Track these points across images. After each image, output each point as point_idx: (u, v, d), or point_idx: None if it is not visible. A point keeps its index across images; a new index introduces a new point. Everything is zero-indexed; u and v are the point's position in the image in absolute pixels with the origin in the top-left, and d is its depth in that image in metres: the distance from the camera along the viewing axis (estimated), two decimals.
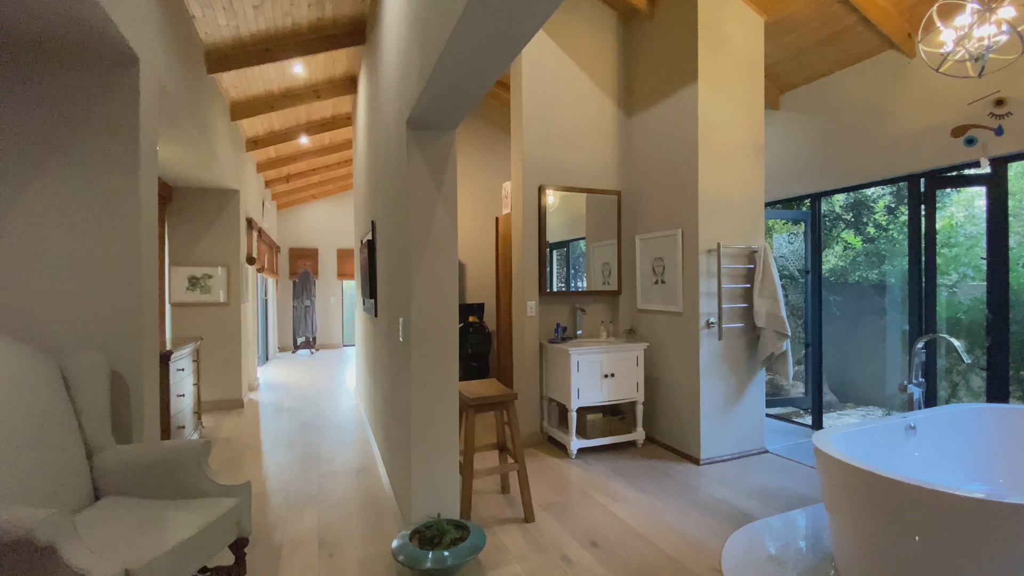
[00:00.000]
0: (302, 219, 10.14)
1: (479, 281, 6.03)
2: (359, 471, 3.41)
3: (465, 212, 5.97)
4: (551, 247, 4.04)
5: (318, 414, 5.02)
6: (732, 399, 3.62)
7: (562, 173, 4.01)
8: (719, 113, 3.55)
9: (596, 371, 3.60)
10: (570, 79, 4.04)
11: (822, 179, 4.24)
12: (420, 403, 2.27)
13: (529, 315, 3.86)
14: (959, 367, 3.95)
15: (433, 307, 2.27)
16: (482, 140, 6.06)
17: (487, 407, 2.52)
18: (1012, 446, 2.65)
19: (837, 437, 2.30)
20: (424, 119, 2.18)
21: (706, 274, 3.52)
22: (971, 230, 4.76)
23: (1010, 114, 2.80)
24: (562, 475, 3.27)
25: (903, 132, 3.60)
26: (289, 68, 4.43)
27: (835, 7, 3.50)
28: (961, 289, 4.30)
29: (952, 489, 1.69)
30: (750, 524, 2.57)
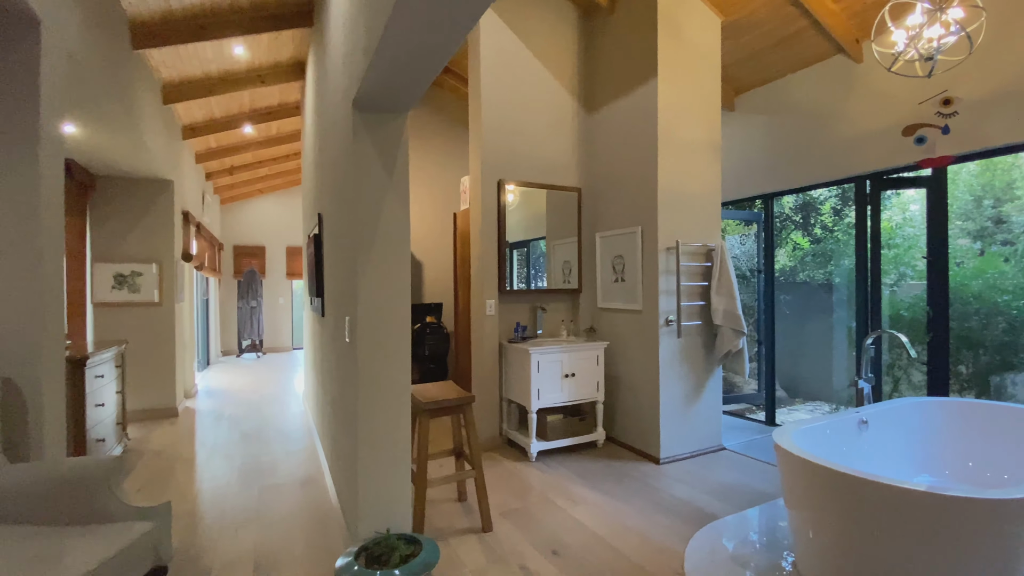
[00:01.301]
0: (248, 215, 9.59)
1: (437, 280, 5.84)
2: (304, 483, 3.17)
3: (422, 208, 5.77)
4: (511, 246, 3.93)
5: (262, 422, 4.69)
6: (691, 397, 3.61)
7: (522, 168, 3.90)
8: (678, 111, 3.54)
9: (557, 371, 3.51)
10: (530, 73, 3.94)
11: (774, 180, 4.33)
12: (368, 408, 2.09)
13: (488, 314, 3.72)
14: (901, 362, 4.12)
15: (383, 305, 2.10)
16: (440, 134, 5.88)
17: (442, 411, 2.36)
18: (954, 437, 2.74)
19: (796, 434, 2.29)
20: (372, 100, 2.01)
21: (665, 272, 3.49)
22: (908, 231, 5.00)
23: (956, 113, 2.91)
24: (522, 479, 3.15)
25: (850, 135, 3.71)
26: (229, 49, 4.11)
27: (789, 9, 3.56)
28: (901, 288, 4.50)
29: (902, 483, 1.69)
30: (711, 524, 2.54)
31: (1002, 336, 3.33)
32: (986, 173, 4.91)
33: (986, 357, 3.43)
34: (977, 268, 3.61)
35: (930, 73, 2.23)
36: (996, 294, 3.38)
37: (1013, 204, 4.71)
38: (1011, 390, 3.34)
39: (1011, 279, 3.38)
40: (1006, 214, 4.72)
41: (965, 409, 2.80)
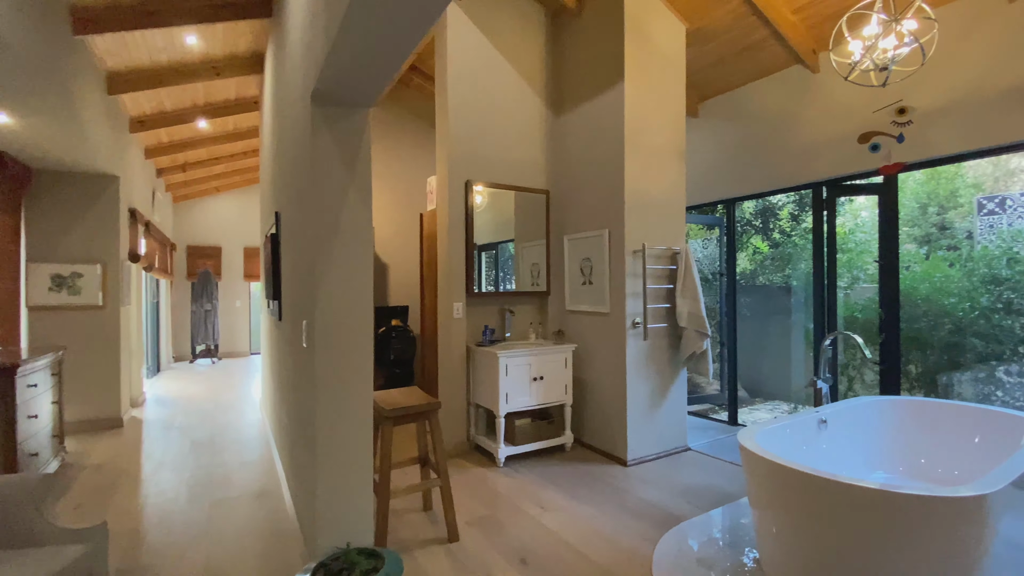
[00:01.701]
0: (203, 214, 9.16)
1: (403, 282, 5.71)
2: (260, 496, 3.01)
3: (388, 209, 5.64)
4: (480, 249, 3.87)
5: (215, 431, 4.46)
6: (657, 398, 3.64)
7: (490, 169, 3.85)
8: (644, 116, 3.57)
9: (525, 374, 3.47)
10: (498, 73, 3.89)
11: (736, 186, 4.43)
12: (327, 417, 1.98)
13: (456, 317, 3.64)
14: (855, 362, 4.28)
15: (343, 308, 2.00)
16: (406, 133, 5.77)
17: (407, 418, 2.28)
18: (906, 435, 2.85)
19: (760, 435, 2.32)
20: (332, 93, 1.91)
21: (632, 275, 3.51)
22: (860, 237, 5.22)
23: (911, 123, 3.04)
24: (490, 486, 3.09)
25: (808, 143, 3.83)
26: (180, 38, 3.90)
27: (750, 19, 3.64)
28: (854, 291, 4.68)
29: (857, 481, 1.73)
30: (678, 526, 2.54)
31: (948, 337, 3.50)
32: (931, 182, 5.18)
33: (934, 357, 3.60)
34: (925, 272, 3.80)
35: (885, 83, 2.31)
36: (943, 297, 3.55)
37: (956, 211, 4.99)
38: (957, 388, 3.51)
39: (956, 283, 3.57)
40: (949, 221, 4.99)
41: (916, 407, 2.91)
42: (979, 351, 3.40)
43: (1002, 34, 2.84)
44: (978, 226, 4.62)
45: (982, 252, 3.79)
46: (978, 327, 3.41)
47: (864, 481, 1.73)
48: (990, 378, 3.39)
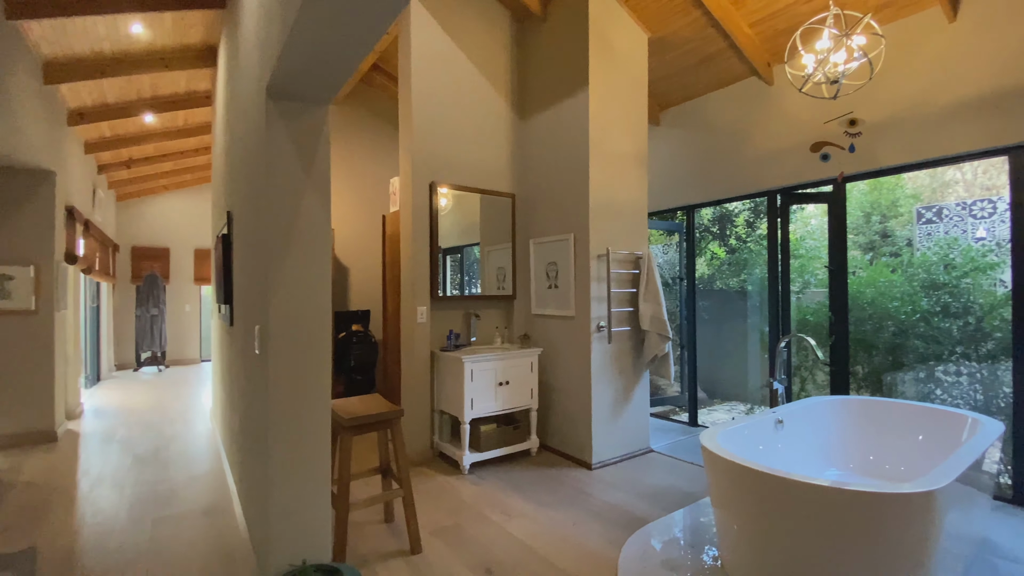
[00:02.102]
0: (150, 213, 8.67)
1: (364, 285, 5.57)
2: (208, 512, 2.84)
3: (349, 210, 5.49)
4: (445, 252, 3.81)
5: (160, 444, 4.20)
6: (621, 401, 3.67)
7: (455, 171, 3.80)
8: (608, 122, 3.61)
9: (490, 379, 3.43)
10: (463, 75, 3.86)
11: (695, 193, 4.54)
12: (280, 427, 1.88)
13: (419, 322, 3.57)
14: (807, 364, 4.45)
15: (298, 313, 1.91)
16: (369, 133, 5.64)
17: (367, 427, 2.19)
18: (856, 433, 2.97)
19: (721, 436, 2.37)
20: (289, 87, 1.83)
21: (596, 279, 3.53)
22: (810, 244, 5.45)
23: (860, 134, 3.19)
24: (454, 494, 3.02)
25: (763, 152, 3.97)
26: (125, 26, 3.68)
27: (709, 31, 3.75)
28: (805, 295, 4.88)
29: (810, 479, 1.78)
30: (643, 528, 2.56)
31: (892, 339, 3.69)
32: (874, 192, 5.47)
33: (879, 358, 3.78)
34: (869, 277, 3.99)
35: (836, 95, 2.41)
36: (886, 301, 3.75)
37: (896, 220, 5.29)
38: (900, 387, 3.70)
39: (898, 287, 3.77)
40: (891, 229, 5.28)
41: (864, 406, 3.04)
42: (920, 352, 3.60)
43: (942, 53, 3.02)
44: (917, 234, 4.91)
45: (921, 258, 4.02)
46: (919, 329, 3.61)
47: (818, 479, 1.78)
48: (930, 377, 3.59)
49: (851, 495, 1.72)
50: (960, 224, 4.55)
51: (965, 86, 2.93)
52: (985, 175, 5.02)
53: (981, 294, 3.51)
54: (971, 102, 2.91)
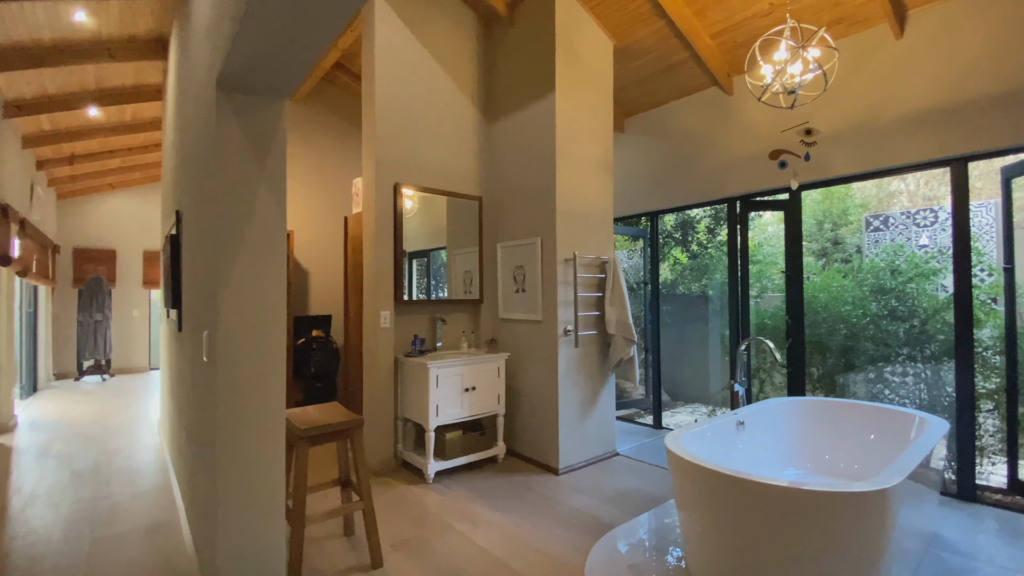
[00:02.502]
0: (95, 213, 8.18)
1: (325, 290, 5.40)
2: (152, 530, 2.66)
3: (311, 211, 5.32)
4: (412, 256, 3.73)
5: (102, 458, 3.93)
6: (587, 405, 3.67)
7: (421, 173, 3.73)
8: (574, 128, 3.63)
9: (456, 385, 3.36)
10: (430, 75, 3.80)
11: (659, 199, 4.62)
12: (229, 439, 1.77)
13: (383, 327, 3.47)
14: (765, 366, 4.58)
15: (251, 317, 1.81)
16: (332, 133, 5.49)
17: (325, 437, 2.10)
18: (813, 432, 3.06)
19: (685, 438, 2.39)
20: (241, 79, 1.74)
21: (563, 283, 3.53)
22: (767, 250, 5.63)
23: (815, 143, 3.32)
24: (418, 504, 2.94)
25: (724, 161, 4.07)
26: (67, 13, 3.46)
27: (672, 41, 3.83)
28: (763, 299, 5.03)
29: (768, 479, 1.81)
30: (609, 533, 2.55)
31: (844, 341, 3.84)
32: (826, 201, 5.71)
33: (832, 360, 3.93)
34: (823, 282, 4.15)
35: (792, 105, 2.49)
36: (839, 305, 3.90)
37: (847, 228, 5.53)
38: (852, 388, 3.85)
39: (850, 292, 3.93)
40: (841, 236, 5.52)
41: (820, 407, 3.14)
42: (870, 354, 3.75)
43: (890, 69, 3.17)
44: (866, 241, 5.14)
45: (870, 264, 4.21)
46: (869, 332, 3.76)
47: (777, 480, 1.81)
48: (879, 378, 3.75)
49: (809, 495, 1.76)
50: (905, 232, 4.80)
51: (910, 101, 3.09)
52: (927, 186, 5.32)
53: (925, 298, 3.69)
54: (916, 116, 3.07)
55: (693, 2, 3.45)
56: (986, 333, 3.36)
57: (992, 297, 3.64)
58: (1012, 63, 2.74)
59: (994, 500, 2.93)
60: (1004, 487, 3.01)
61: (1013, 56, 2.73)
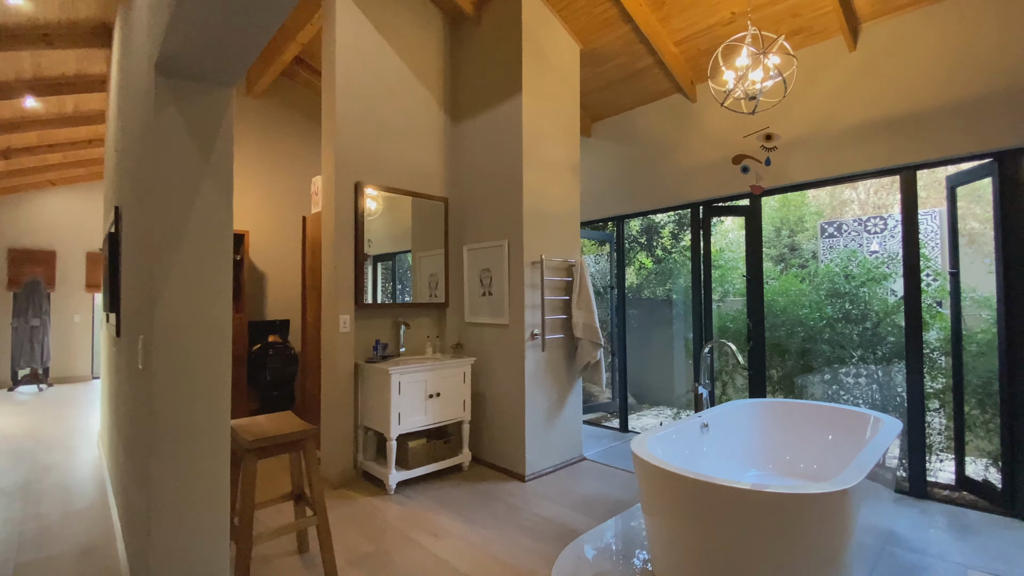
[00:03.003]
0: (33, 211, 7.63)
1: (283, 293, 5.19)
2: (86, 553, 2.45)
3: (269, 211, 5.11)
4: (376, 259, 3.61)
5: (33, 475, 3.62)
6: (554, 410, 3.63)
7: (384, 172, 3.62)
8: (541, 129, 3.60)
9: (420, 391, 3.26)
10: (394, 73, 3.70)
11: (625, 204, 4.65)
12: (167, 452, 1.63)
13: (342, 331, 3.33)
14: (727, 368, 4.66)
15: (190, 322, 1.68)
16: (292, 130, 5.30)
17: (275, 449, 1.97)
18: (774, 433, 3.11)
19: (651, 442, 2.37)
20: (183, 64, 1.61)
21: (530, 286, 3.49)
22: (729, 255, 5.76)
23: (775, 148, 3.39)
24: (378, 516, 2.82)
25: (688, 166, 4.13)
26: None
27: (638, 47, 3.86)
28: (725, 303, 5.13)
29: (731, 482, 1.80)
30: (575, 541, 2.50)
31: (802, 344, 3.94)
32: (783, 208, 5.89)
33: (791, 362, 4.02)
34: (781, 286, 4.26)
35: (754, 111, 2.53)
36: (797, 308, 4.00)
37: (803, 235, 5.72)
38: (810, 389, 3.95)
39: (807, 296, 4.04)
40: (798, 243, 5.70)
41: (780, 408, 3.20)
42: (827, 355, 3.86)
43: (844, 79, 3.28)
44: (821, 247, 5.33)
45: (825, 269, 4.34)
46: (825, 335, 3.87)
47: (740, 482, 1.81)
48: (835, 379, 3.86)
49: (771, 497, 1.76)
50: (857, 238, 4.99)
51: (863, 111, 3.20)
52: (876, 195, 5.56)
53: (877, 302, 3.83)
54: (868, 125, 3.18)
55: (658, 8, 3.49)
56: (933, 335, 3.51)
57: (938, 301, 3.81)
58: (955, 77, 2.87)
59: (943, 496, 3.04)
60: (952, 483, 3.14)
61: (956, 70, 2.87)
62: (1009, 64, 2.71)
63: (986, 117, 2.77)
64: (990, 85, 2.76)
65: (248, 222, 4.94)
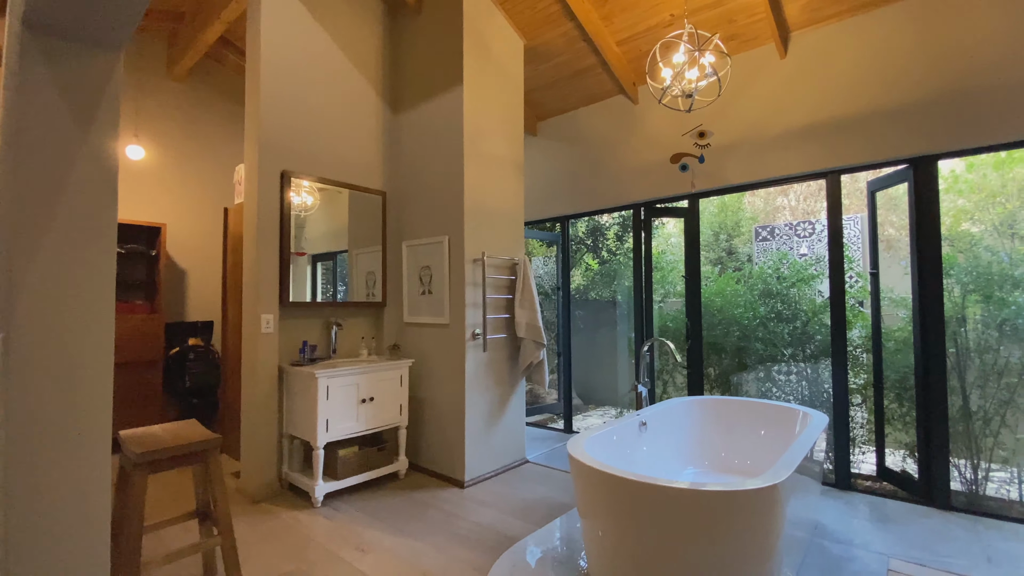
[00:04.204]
0: None
1: (207, 292, 4.80)
2: None
3: (189, 202, 4.71)
4: (316, 259, 3.39)
5: None
6: (496, 412, 3.53)
7: (317, 163, 3.39)
8: (484, 124, 3.50)
9: (351, 396, 3.06)
10: (328, 58, 3.49)
11: (569, 204, 4.63)
12: (27, 470, 1.39)
13: (264, 332, 3.07)
14: (667, 367, 4.73)
15: (62, 321, 1.44)
16: (217, 117, 4.92)
17: (170, 462, 1.74)
18: (710, 430, 3.15)
19: (588, 442, 2.31)
20: (56, 20, 1.39)
21: (472, 284, 3.37)
22: (669, 257, 5.89)
23: (709, 145, 3.46)
24: (302, 532, 2.60)
25: (630, 167, 4.16)
26: None
27: (581, 45, 3.85)
28: (666, 304, 5.23)
29: (667, 481, 1.77)
30: (512, 548, 2.40)
31: (737, 342, 4.06)
32: (721, 213, 6.09)
33: (727, 360, 4.14)
34: (718, 287, 4.37)
35: (690, 108, 2.54)
36: (733, 308, 4.12)
37: (739, 238, 5.94)
38: (745, 387, 4.07)
39: (742, 296, 4.17)
40: (735, 246, 5.91)
41: (715, 405, 3.25)
42: (760, 353, 3.99)
43: (775, 85, 3.39)
44: (755, 250, 5.54)
45: (759, 271, 4.51)
46: (758, 333, 4.00)
47: (674, 481, 1.77)
48: (767, 376, 4.00)
49: (705, 495, 1.73)
50: (788, 242, 5.22)
51: (793, 116, 3.32)
52: (806, 202, 5.86)
53: (805, 302, 4.00)
54: (797, 130, 3.30)
55: (600, 6, 3.48)
56: (856, 333, 3.69)
57: (860, 301, 4.02)
58: (876, 85, 3.02)
59: (865, 487, 3.18)
60: (873, 474, 3.29)
61: (876, 79, 3.02)
62: (922, 74, 2.88)
63: (903, 124, 2.93)
64: (906, 94, 2.93)
65: (166, 214, 4.53)
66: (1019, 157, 3.47)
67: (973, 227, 3.66)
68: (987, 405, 3.09)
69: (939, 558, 2.29)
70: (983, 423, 3.09)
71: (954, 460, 3.01)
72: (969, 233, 3.60)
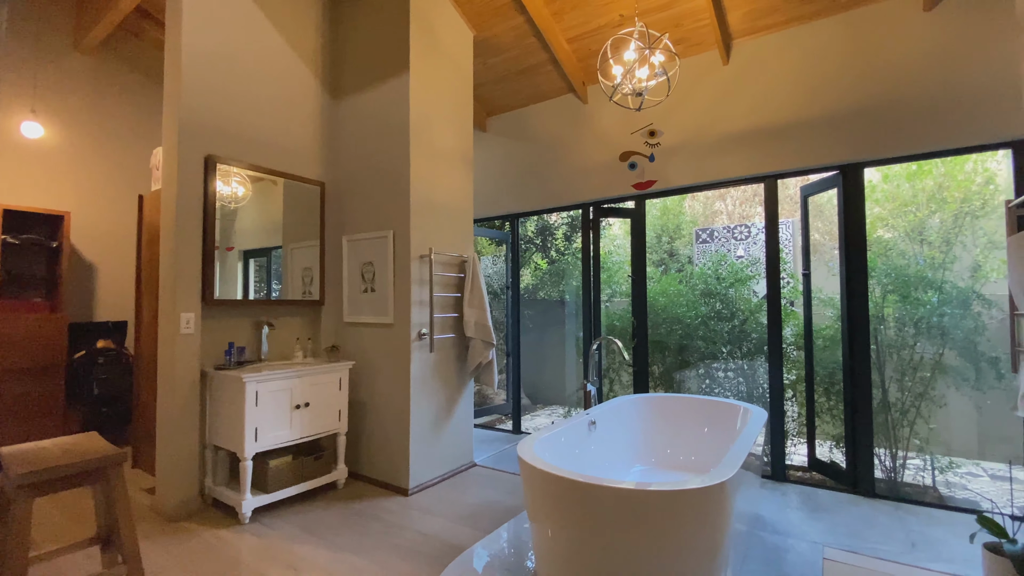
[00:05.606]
0: None
1: (119, 289, 4.33)
2: None
3: (98, 188, 4.24)
4: (248, 255, 3.11)
5: None
6: (443, 415, 3.40)
7: (246, 147, 3.12)
8: (431, 115, 3.37)
9: (284, 401, 2.83)
10: (259, 34, 3.22)
11: (519, 202, 4.58)
12: None
13: (184, 332, 2.78)
14: (615, 366, 4.78)
15: None
16: (133, 95, 4.46)
17: (61, 483, 1.50)
18: (656, 427, 3.18)
19: (538, 444, 2.25)
20: None
21: (418, 282, 3.23)
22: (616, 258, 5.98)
23: (659, 144, 3.50)
24: (227, 552, 2.36)
25: (579, 166, 4.16)
26: None
27: (531, 40, 3.80)
28: (613, 303, 5.29)
29: (613, 482, 1.74)
30: (458, 558, 2.29)
31: (680, 341, 4.16)
32: (663, 216, 6.26)
33: (670, 358, 4.23)
34: (662, 286, 4.47)
35: (640, 107, 2.55)
36: (676, 307, 4.22)
37: (680, 240, 6.12)
38: (687, 384, 4.18)
39: (684, 296, 4.28)
40: (676, 248, 6.09)
41: (660, 402, 3.29)
42: (701, 351, 4.11)
43: (718, 91, 3.49)
44: (696, 252, 5.73)
45: (699, 272, 4.65)
46: (700, 332, 4.12)
47: (621, 482, 1.74)
48: (708, 374, 4.12)
49: (652, 495, 1.71)
50: (726, 244, 5.43)
51: (733, 121, 3.43)
52: (742, 207, 6.13)
53: (742, 302, 4.16)
54: (738, 135, 3.41)
55: (551, 2, 3.44)
56: (789, 331, 3.86)
57: (791, 300, 4.23)
58: (810, 94, 3.17)
59: (797, 477, 3.33)
60: (805, 465, 3.46)
61: (810, 88, 3.17)
62: (850, 84, 3.05)
63: (833, 132, 3.09)
64: (837, 103, 3.09)
65: (71, 200, 4.05)
66: (928, 169, 3.77)
67: (886, 233, 3.94)
68: (904, 397, 3.32)
69: (868, 544, 2.41)
70: (900, 414, 3.32)
71: (876, 450, 3.21)
72: (883, 239, 3.88)
